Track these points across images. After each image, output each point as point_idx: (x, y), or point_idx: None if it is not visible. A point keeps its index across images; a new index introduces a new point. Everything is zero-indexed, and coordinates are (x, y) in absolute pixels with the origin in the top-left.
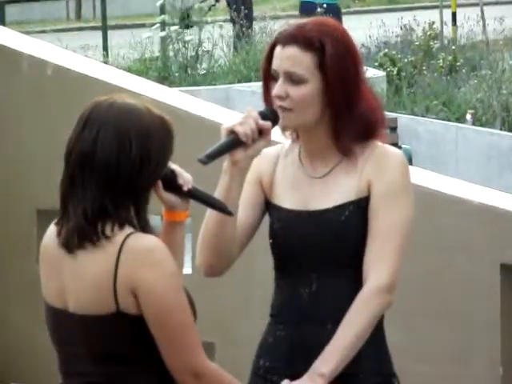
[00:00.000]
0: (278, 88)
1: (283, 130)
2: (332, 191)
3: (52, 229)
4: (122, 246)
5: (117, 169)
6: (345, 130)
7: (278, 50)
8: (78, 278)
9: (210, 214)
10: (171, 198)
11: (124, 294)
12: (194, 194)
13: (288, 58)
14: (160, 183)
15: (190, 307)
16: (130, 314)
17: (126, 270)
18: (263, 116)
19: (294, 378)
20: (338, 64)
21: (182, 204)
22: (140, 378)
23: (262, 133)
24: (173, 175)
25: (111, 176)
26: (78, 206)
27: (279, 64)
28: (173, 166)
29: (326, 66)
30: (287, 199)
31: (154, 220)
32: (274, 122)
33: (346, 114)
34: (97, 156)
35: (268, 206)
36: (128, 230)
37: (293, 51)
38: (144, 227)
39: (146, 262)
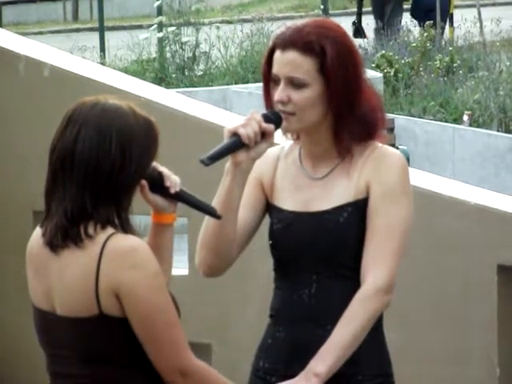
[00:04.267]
0: (279, 93)
1: (285, 132)
2: (331, 192)
3: (38, 230)
4: (103, 246)
5: (96, 168)
6: (346, 131)
7: (278, 54)
8: (62, 279)
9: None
10: (158, 200)
11: (106, 296)
12: (181, 197)
13: (288, 62)
14: (146, 185)
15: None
16: (114, 316)
17: (108, 271)
18: (266, 118)
19: (292, 378)
20: (338, 66)
21: (169, 206)
22: (127, 378)
23: (264, 135)
24: (160, 177)
25: (91, 175)
26: (59, 205)
27: (280, 69)
28: (161, 168)
29: (327, 69)
30: (287, 200)
31: (145, 220)
32: (277, 124)
33: (348, 116)
34: (77, 154)
35: (268, 207)
36: (110, 230)
37: (293, 56)
38: (125, 228)
39: (127, 262)
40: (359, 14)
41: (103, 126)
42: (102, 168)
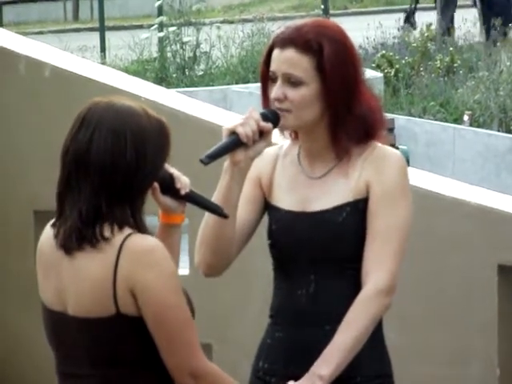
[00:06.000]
0: (276, 90)
1: (282, 129)
2: (330, 192)
3: (48, 230)
4: (121, 247)
5: (112, 170)
6: (344, 132)
7: (276, 52)
8: (77, 281)
9: (208, 214)
10: (168, 201)
11: (123, 295)
12: (191, 198)
13: (286, 60)
14: (158, 186)
15: (189, 307)
16: (130, 316)
17: (126, 270)
18: (264, 117)
19: (292, 379)
20: (336, 65)
21: (178, 207)
22: (139, 379)
23: (262, 134)
24: (171, 179)
25: (106, 177)
26: (73, 207)
27: (277, 66)
28: (171, 169)
29: (325, 68)
30: (285, 200)
31: (151, 221)
32: (275, 123)
33: (346, 116)
34: (92, 157)
35: (267, 207)
36: (127, 230)
37: (291, 54)
38: (140, 229)
39: (145, 262)
40: (417, 1)
41: (117, 128)
42: (117, 169)
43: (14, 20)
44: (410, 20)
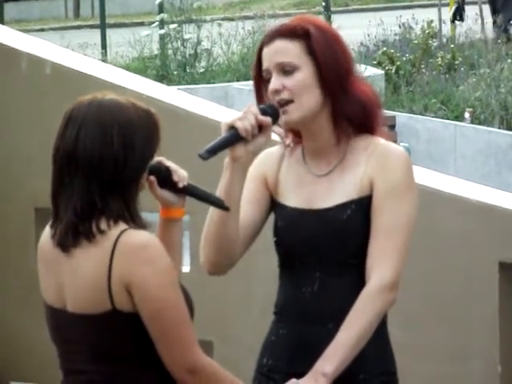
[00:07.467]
0: (273, 83)
1: (286, 126)
2: (335, 189)
3: (48, 230)
4: (116, 242)
5: (100, 164)
6: (344, 116)
7: (265, 50)
8: (74, 277)
9: (212, 212)
10: (166, 195)
11: (119, 291)
12: (189, 191)
13: (276, 51)
14: (155, 180)
15: (187, 304)
16: (126, 312)
17: (120, 267)
18: (263, 111)
19: (295, 376)
20: (325, 46)
21: (178, 201)
22: (139, 375)
23: (262, 128)
24: (168, 172)
25: (96, 171)
26: (67, 204)
27: (269, 61)
28: (168, 162)
29: (314, 50)
30: (291, 197)
31: (152, 217)
32: (275, 117)
33: (342, 96)
34: (79, 153)
35: (273, 204)
36: (122, 226)
37: (279, 43)
38: (135, 221)
39: (140, 258)
40: None
41: (102, 121)
42: (106, 164)
43: (15, 17)
44: (459, 16)
